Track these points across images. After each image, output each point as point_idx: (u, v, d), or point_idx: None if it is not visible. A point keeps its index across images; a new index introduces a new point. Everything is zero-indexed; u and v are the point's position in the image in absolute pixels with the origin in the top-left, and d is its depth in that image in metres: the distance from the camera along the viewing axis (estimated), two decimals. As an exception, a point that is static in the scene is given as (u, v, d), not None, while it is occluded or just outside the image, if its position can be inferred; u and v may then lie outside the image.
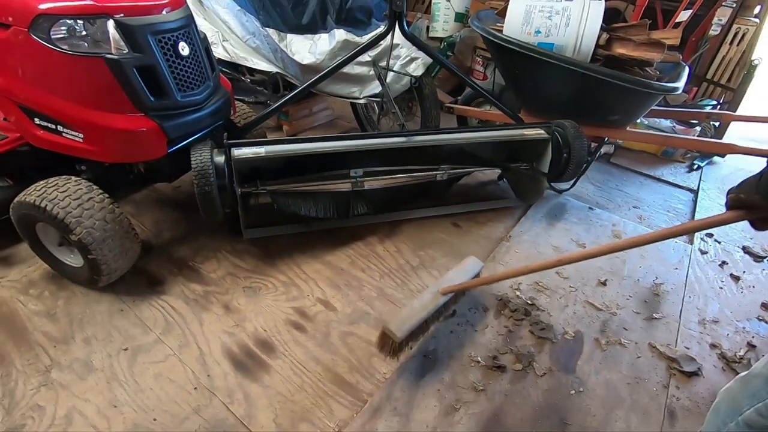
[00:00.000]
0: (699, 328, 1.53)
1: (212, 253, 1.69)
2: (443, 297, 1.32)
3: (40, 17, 1.20)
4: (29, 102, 1.34)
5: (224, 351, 1.33)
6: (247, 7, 2.07)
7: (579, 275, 1.72)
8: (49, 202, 1.27)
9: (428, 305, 1.29)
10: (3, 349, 1.28)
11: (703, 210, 2.24)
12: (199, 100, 1.47)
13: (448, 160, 1.88)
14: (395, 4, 1.67)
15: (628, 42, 1.89)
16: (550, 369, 1.34)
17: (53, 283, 1.50)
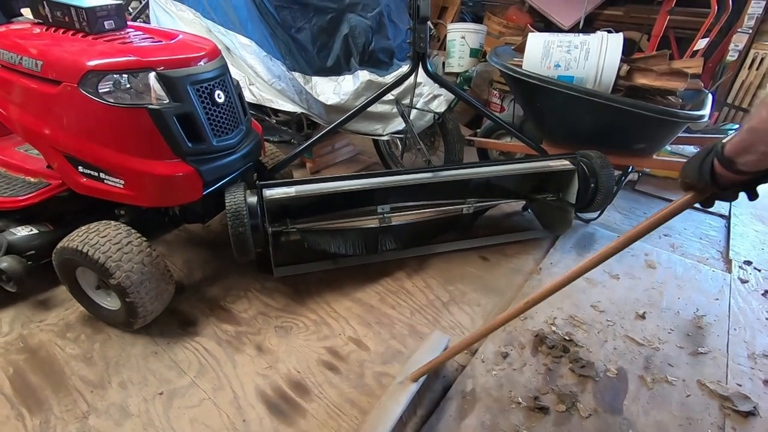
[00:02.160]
0: (749, 363, 1.46)
1: (243, 292, 1.70)
2: (414, 384, 1.21)
3: (89, 73, 1.28)
4: (74, 151, 1.41)
5: (258, 394, 1.31)
6: (274, 52, 2.16)
7: (615, 308, 1.67)
8: (91, 248, 1.31)
9: (399, 399, 1.17)
10: (42, 395, 1.28)
11: (737, 236, 2.18)
12: (232, 144, 1.53)
13: (474, 193, 1.89)
14: (419, 45, 1.73)
15: (649, 72, 1.91)
16: (595, 410, 1.28)
17: (89, 326, 1.52)
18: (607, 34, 1.95)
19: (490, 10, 3.55)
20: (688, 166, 0.78)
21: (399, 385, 1.22)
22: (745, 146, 0.65)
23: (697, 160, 0.75)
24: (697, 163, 0.75)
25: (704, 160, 0.73)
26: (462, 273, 1.84)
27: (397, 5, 2.34)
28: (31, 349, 1.43)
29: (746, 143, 0.65)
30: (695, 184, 0.77)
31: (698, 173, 0.74)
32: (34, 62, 1.34)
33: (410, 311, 1.64)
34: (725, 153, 0.69)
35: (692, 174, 0.76)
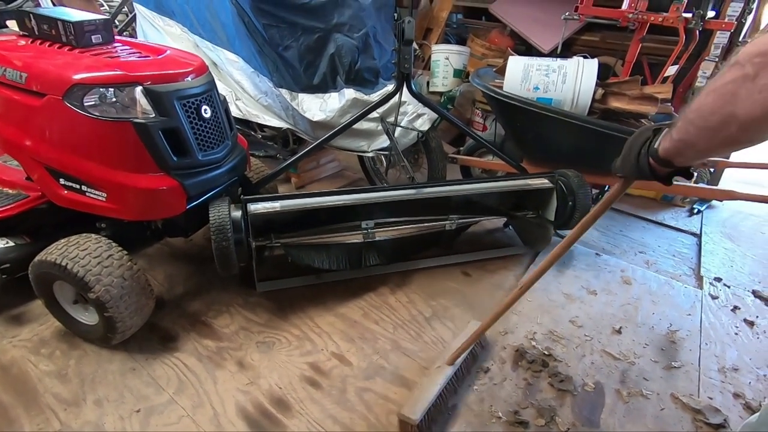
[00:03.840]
0: (720, 377, 1.51)
1: (225, 307, 1.69)
2: (451, 368, 1.32)
3: (75, 87, 1.28)
4: (56, 163, 1.39)
5: (239, 411, 1.30)
6: (261, 69, 2.19)
7: (593, 323, 1.71)
8: (70, 261, 1.29)
9: (437, 379, 1.28)
10: (12, 413, 1.25)
11: (708, 253, 2.26)
12: (218, 158, 1.53)
13: (457, 210, 1.93)
14: (403, 66, 1.78)
15: (622, 96, 2.00)
16: (573, 424, 1.31)
17: (65, 341, 1.49)
18: (583, 60, 2.04)
19: (474, 32, 3.66)
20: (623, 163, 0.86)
21: (437, 369, 1.31)
22: (677, 153, 0.73)
23: (632, 157, 0.83)
24: (632, 161, 0.83)
25: (639, 159, 0.81)
26: (444, 288, 1.86)
27: (383, 27, 2.41)
28: (3, 366, 1.39)
29: (677, 150, 0.73)
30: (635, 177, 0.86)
31: (637, 170, 0.82)
32: (18, 74, 1.34)
33: (393, 326, 1.65)
34: (661, 156, 0.76)
35: (631, 170, 0.84)
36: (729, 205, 2.81)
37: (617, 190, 0.94)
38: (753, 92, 0.57)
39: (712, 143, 0.66)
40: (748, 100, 0.57)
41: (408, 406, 1.20)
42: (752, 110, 0.57)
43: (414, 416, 1.17)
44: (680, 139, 0.71)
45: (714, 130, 0.63)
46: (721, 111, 0.61)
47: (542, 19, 3.42)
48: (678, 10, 2.33)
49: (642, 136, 0.82)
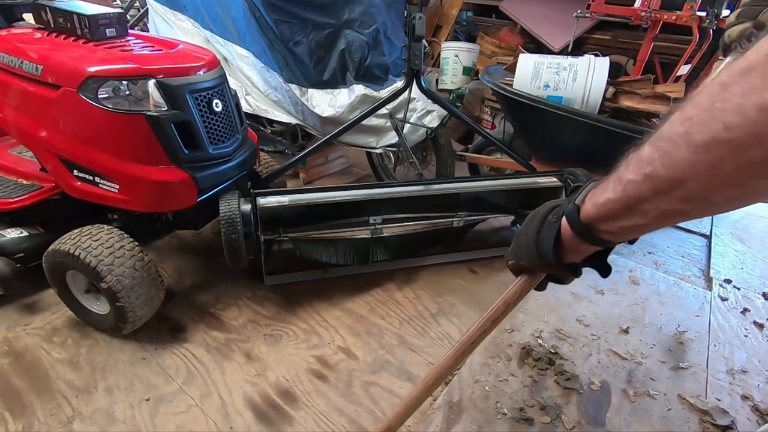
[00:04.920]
0: (728, 379, 1.50)
1: (233, 299, 1.70)
2: None
3: (89, 79, 1.30)
4: (70, 155, 1.42)
5: (246, 401, 1.31)
6: (271, 64, 2.20)
7: (600, 323, 1.71)
8: (83, 251, 1.31)
9: None
10: (26, 399, 1.27)
11: (718, 255, 2.24)
12: (228, 152, 1.55)
13: (465, 207, 1.93)
14: (413, 62, 1.78)
15: (634, 95, 1.99)
16: (579, 422, 1.30)
17: (76, 330, 1.51)
18: (594, 58, 2.03)
19: (484, 30, 3.65)
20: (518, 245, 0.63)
21: None
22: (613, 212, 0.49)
23: (530, 233, 0.59)
24: (531, 237, 0.58)
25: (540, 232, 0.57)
26: (451, 285, 1.87)
27: (393, 23, 2.41)
28: (17, 352, 1.42)
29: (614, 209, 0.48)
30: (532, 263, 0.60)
31: (536, 249, 0.57)
32: (34, 66, 1.36)
33: (399, 322, 1.66)
34: (583, 218, 0.52)
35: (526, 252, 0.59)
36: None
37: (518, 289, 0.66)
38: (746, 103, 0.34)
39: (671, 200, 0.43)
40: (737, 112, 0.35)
41: None
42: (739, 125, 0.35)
43: None
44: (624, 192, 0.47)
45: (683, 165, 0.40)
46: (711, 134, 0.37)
47: (553, 18, 3.40)
48: (692, 8, 2.31)
49: (543, 209, 0.59)
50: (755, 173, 0.36)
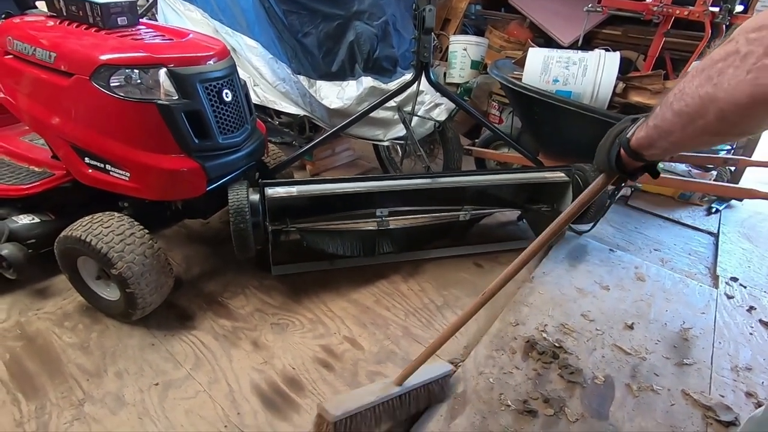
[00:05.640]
0: (732, 376, 1.50)
1: (240, 288, 1.72)
2: (397, 388, 1.17)
3: (101, 67, 1.31)
4: (81, 142, 1.43)
5: (253, 388, 1.33)
6: (280, 55, 2.20)
7: (605, 318, 1.71)
8: (94, 237, 1.33)
9: (376, 392, 1.15)
10: (38, 381, 1.30)
11: (725, 253, 2.23)
12: (237, 142, 1.56)
13: (471, 201, 1.93)
14: (422, 55, 1.78)
15: (644, 91, 1.98)
16: (582, 415, 1.31)
17: (87, 315, 1.54)
18: (604, 53, 2.01)
19: (492, 24, 3.62)
20: (598, 154, 0.82)
21: (382, 383, 1.20)
22: (650, 142, 0.67)
23: (605, 148, 0.78)
24: (605, 151, 0.78)
25: (610, 150, 0.76)
26: (456, 278, 1.88)
27: (402, 15, 2.40)
28: (29, 336, 1.44)
29: (651, 140, 0.67)
30: (605, 170, 0.82)
31: (607, 162, 0.78)
32: (47, 54, 1.37)
33: (404, 313, 1.67)
34: (631, 146, 0.71)
35: (602, 162, 0.80)
36: (748, 205, 2.76)
37: (595, 185, 0.86)
38: (740, 72, 0.47)
39: (686, 132, 0.57)
40: (733, 80, 0.47)
41: (332, 402, 1.10)
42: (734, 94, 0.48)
43: (333, 412, 1.07)
44: (655, 126, 0.64)
45: (690, 116, 0.55)
46: (701, 92, 0.52)
47: (563, 12, 3.37)
48: (705, 3, 2.28)
49: (620, 126, 0.76)
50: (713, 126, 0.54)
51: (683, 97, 0.56)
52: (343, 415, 1.08)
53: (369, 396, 1.13)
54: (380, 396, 1.14)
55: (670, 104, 0.59)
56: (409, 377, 1.19)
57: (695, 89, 0.53)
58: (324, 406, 1.09)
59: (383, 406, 1.16)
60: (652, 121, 0.65)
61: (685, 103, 0.55)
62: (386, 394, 1.15)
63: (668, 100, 0.60)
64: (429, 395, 1.27)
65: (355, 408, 1.10)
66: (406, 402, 1.22)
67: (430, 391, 1.27)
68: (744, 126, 0.52)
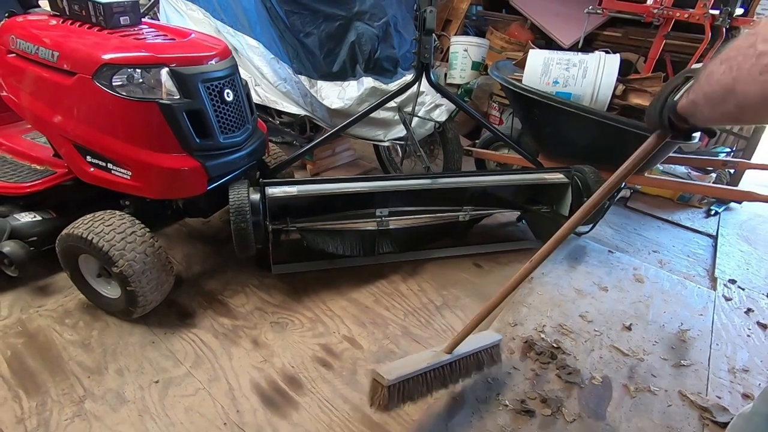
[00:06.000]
0: (729, 377, 1.51)
1: (240, 287, 1.73)
2: (447, 356, 1.21)
3: (104, 66, 1.32)
4: (83, 141, 1.44)
5: (253, 386, 1.34)
6: (281, 55, 2.21)
7: (603, 319, 1.72)
8: (96, 235, 1.34)
9: (427, 358, 1.19)
10: (39, 378, 1.30)
11: (723, 255, 2.24)
12: (238, 141, 1.57)
13: (471, 201, 1.94)
14: (423, 56, 1.78)
15: (644, 93, 1.98)
16: (579, 415, 1.32)
17: (88, 313, 1.54)
18: (604, 55, 2.02)
19: (493, 25, 3.63)
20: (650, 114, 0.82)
21: (433, 351, 1.23)
22: (692, 112, 0.69)
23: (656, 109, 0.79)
24: (656, 112, 0.79)
25: (662, 112, 0.77)
26: (456, 278, 1.88)
27: (403, 16, 2.41)
28: (30, 333, 1.45)
29: (693, 110, 0.69)
30: (658, 128, 0.82)
31: (659, 122, 0.78)
32: (50, 53, 1.38)
33: (404, 313, 1.68)
34: (678, 111, 0.72)
35: (654, 122, 0.81)
36: (747, 207, 2.77)
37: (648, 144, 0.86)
38: (755, 71, 0.49)
39: (714, 114, 0.61)
40: (748, 77, 0.51)
41: (385, 368, 1.14)
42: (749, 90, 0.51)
43: (387, 377, 1.10)
44: (692, 101, 0.67)
45: (715, 102, 0.58)
46: (724, 83, 0.55)
47: (564, 13, 3.37)
48: (705, 6, 2.29)
49: (672, 83, 0.75)
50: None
51: (710, 81, 0.59)
52: (396, 379, 1.11)
53: (421, 363, 1.17)
54: (431, 363, 1.18)
55: (702, 85, 0.62)
56: (459, 346, 1.23)
57: (720, 76, 0.56)
58: (378, 371, 1.12)
59: (434, 373, 1.20)
60: (692, 93, 0.67)
61: (712, 89, 0.58)
62: (437, 362, 1.19)
63: (701, 79, 0.62)
64: (478, 363, 1.32)
65: (408, 373, 1.13)
66: (456, 369, 1.26)
67: (479, 359, 1.32)
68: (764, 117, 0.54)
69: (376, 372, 1.13)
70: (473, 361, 1.30)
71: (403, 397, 1.15)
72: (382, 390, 1.11)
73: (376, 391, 1.14)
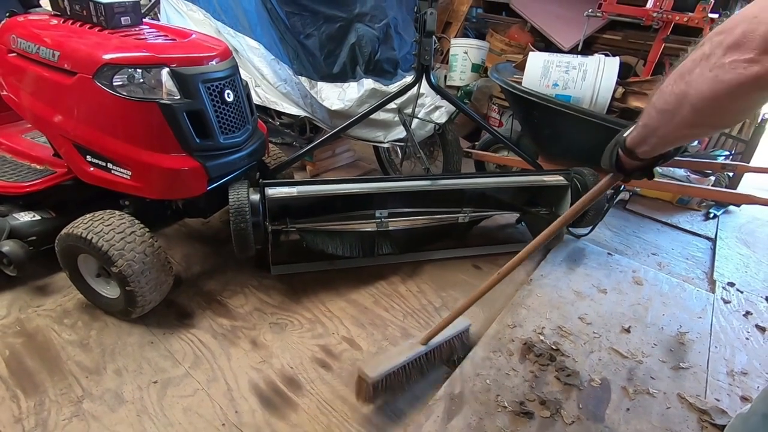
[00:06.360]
0: (728, 380, 1.51)
1: (239, 288, 1.73)
2: (423, 347, 1.32)
3: (105, 66, 1.32)
4: (83, 140, 1.44)
5: (252, 387, 1.34)
6: (282, 56, 2.21)
7: (602, 321, 1.72)
8: (95, 235, 1.33)
9: (405, 352, 1.29)
10: (37, 378, 1.30)
11: (722, 258, 2.24)
12: (238, 142, 1.57)
13: (470, 203, 1.94)
14: (423, 58, 1.79)
15: (643, 96, 1.99)
16: (578, 417, 1.32)
17: (87, 313, 1.54)
18: (604, 57, 2.03)
19: (493, 27, 3.64)
20: (604, 156, 0.88)
21: (409, 343, 1.32)
22: (641, 140, 0.74)
23: (609, 150, 0.85)
24: (607, 152, 0.86)
25: (613, 150, 0.83)
26: (455, 280, 1.88)
27: (403, 18, 2.42)
28: (28, 333, 1.45)
29: (642, 137, 0.73)
30: (608, 169, 0.89)
31: (608, 161, 0.85)
32: (51, 52, 1.38)
33: (403, 314, 1.68)
34: (627, 145, 0.78)
35: (606, 163, 0.87)
36: (746, 210, 2.78)
37: (602, 184, 0.95)
38: (705, 70, 0.54)
39: (669, 127, 0.65)
40: (699, 78, 0.55)
41: (368, 365, 1.23)
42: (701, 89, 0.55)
43: (371, 374, 1.20)
44: (644, 125, 0.71)
45: (670, 113, 0.62)
46: (677, 91, 0.59)
47: (563, 16, 3.38)
48: (704, 10, 2.29)
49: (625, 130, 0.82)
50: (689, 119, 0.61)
51: (663, 96, 0.64)
52: (379, 376, 1.22)
53: (400, 356, 1.27)
54: (409, 356, 1.29)
55: (653, 103, 0.67)
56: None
57: (672, 88, 0.61)
58: (363, 369, 1.22)
59: (413, 364, 1.31)
60: (641, 120, 0.72)
61: (665, 101, 0.63)
62: (414, 353, 1.30)
63: (652, 101, 0.67)
64: (451, 349, 1.45)
65: (389, 368, 1.24)
66: (432, 358, 1.38)
67: (452, 346, 1.45)
68: (717, 118, 0.59)
69: (361, 370, 1.23)
70: (446, 348, 1.43)
71: (385, 388, 1.26)
72: (366, 386, 1.22)
73: (361, 386, 1.25)
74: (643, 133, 0.72)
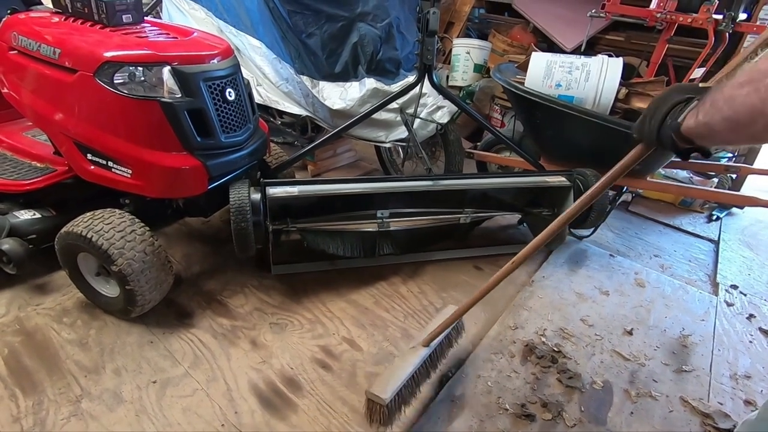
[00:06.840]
0: (731, 383, 1.50)
1: (239, 287, 1.72)
2: (425, 349, 1.25)
3: (106, 64, 1.31)
4: (84, 138, 1.43)
5: (251, 387, 1.33)
6: (283, 55, 2.21)
7: (604, 323, 1.71)
8: (95, 233, 1.33)
9: (411, 360, 1.21)
10: (36, 377, 1.29)
11: (725, 260, 2.23)
12: (240, 141, 1.56)
13: (472, 204, 1.93)
14: (426, 57, 1.78)
15: (646, 97, 1.98)
16: (580, 420, 1.31)
17: (86, 312, 1.54)
18: (607, 58, 2.02)
19: (496, 28, 3.63)
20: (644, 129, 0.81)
21: (411, 350, 1.26)
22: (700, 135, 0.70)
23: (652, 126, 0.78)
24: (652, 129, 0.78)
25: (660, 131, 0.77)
26: (456, 281, 1.87)
27: (406, 17, 2.41)
28: (27, 331, 1.44)
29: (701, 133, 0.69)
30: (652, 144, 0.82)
31: (656, 140, 0.78)
32: (51, 50, 1.38)
33: (404, 315, 1.67)
34: (683, 132, 0.72)
35: (650, 137, 0.80)
36: (749, 213, 2.76)
37: (634, 155, 0.87)
38: None
39: (737, 136, 0.62)
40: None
41: (378, 385, 1.13)
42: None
43: (384, 395, 1.10)
44: (705, 123, 0.66)
45: (741, 124, 0.59)
46: (750, 104, 0.56)
47: (566, 17, 3.37)
48: (708, 11, 2.28)
49: (669, 101, 0.75)
50: None
51: (733, 104, 0.60)
52: (392, 395, 1.13)
53: (407, 367, 1.20)
54: (416, 364, 1.21)
55: (720, 108, 0.62)
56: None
57: (744, 98, 0.57)
58: (373, 392, 1.12)
59: (420, 370, 1.25)
60: (702, 116, 0.67)
61: (734, 111, 0.59)
62: (420, 359, 1.23)
63: (718, 103, 0.63)
64: (449, 342, 1.41)
65: (401, 383, 1.16)
66: (435, 358, 1.33)
67: (450, 339, 1.41)
68: None
69: (371, 393, 1.12)
70: (446, 343, 1.39)
71: (399, 406, 1.18)
72: (381, 409, 1.13)
73: (374, 410, 1.15)
74: (704, 131, 0.68)
